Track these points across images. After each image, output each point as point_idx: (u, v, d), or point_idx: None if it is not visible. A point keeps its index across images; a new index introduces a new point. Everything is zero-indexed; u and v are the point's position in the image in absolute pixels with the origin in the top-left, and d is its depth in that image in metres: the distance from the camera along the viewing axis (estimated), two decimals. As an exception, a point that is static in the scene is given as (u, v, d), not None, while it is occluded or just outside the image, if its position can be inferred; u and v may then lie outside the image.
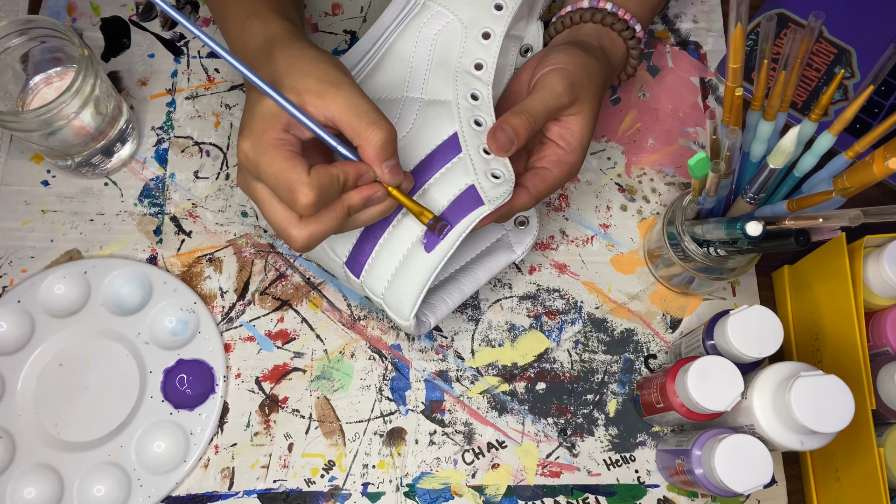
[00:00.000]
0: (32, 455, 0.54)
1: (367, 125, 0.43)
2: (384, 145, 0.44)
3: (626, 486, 0.56)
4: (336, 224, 0.45)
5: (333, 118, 0.44)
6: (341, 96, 0.43)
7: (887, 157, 0.43)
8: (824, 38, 0.66)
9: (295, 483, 0.55)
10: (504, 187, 0.50)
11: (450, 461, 0.56)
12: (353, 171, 0.44)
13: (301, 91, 0.44)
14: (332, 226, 0.45)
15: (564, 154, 0.51)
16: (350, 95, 0.44)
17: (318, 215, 0.44)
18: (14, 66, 0.56)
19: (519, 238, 0.57)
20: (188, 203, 0.61)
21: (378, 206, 0.46)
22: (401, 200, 0.47)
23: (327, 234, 0.45)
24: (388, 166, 0.45)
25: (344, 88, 0.44)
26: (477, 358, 0.59)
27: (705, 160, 0.45)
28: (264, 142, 0.43)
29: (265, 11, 0.49)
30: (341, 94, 0.43)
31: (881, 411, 0.52)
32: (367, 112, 0.43)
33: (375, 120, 0.43)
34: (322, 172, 0.43)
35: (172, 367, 0.56)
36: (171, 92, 0.63)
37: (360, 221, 0.47)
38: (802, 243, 0.47)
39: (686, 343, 0.57)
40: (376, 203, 0.46)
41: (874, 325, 0.55)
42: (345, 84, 0.44)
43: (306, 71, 0.44)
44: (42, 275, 0.57)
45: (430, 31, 0.55)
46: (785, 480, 0.57)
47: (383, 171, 0.45)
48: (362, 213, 0.46)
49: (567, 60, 0.51)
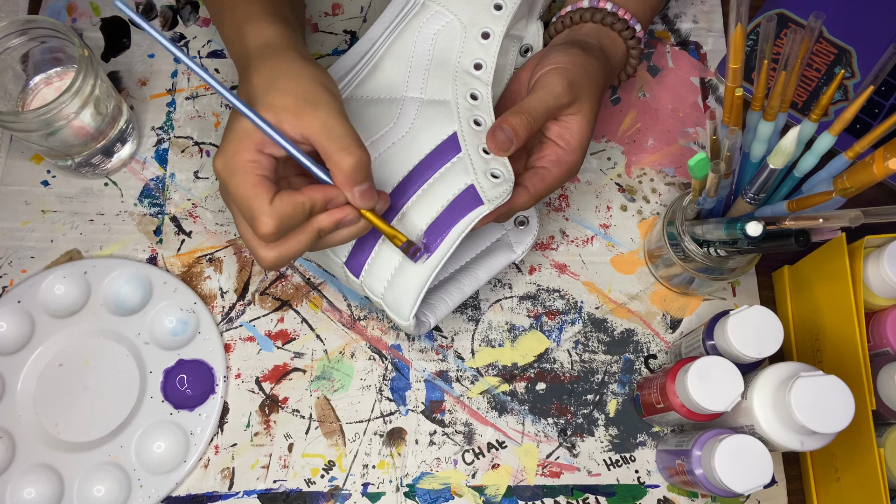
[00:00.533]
0: (32, 455, 0.54)
1: (338, 150, 0.43)
2: (354, 171, 0.43)
3: (626, 487, 0.56)
4: (304, 246, 0.45)
5: (308, 138, 0.44)
6: (316, 118, 0.43)
7: (887, 157, 0.43)
8: (824, 38, 0.66)
9: (295, 483, 0.55)
10: (503, 187, 0.50)
11: (450, 461, 0.56)
12: (321, 196, 0.44)
13: (278, 109, 0.43)
14: (301, 248, 0.45)
15: (564, 154, 0.51)
16: (326, 117, 0.43)
17: (285, 239, 0.44)
18: (14, 66, 0.56)
19: (519, 238, 0.57)
20: (188, 203, 0.61)
21: (351, 228, 0.46)
22: (374, 223, 0.46)
23: (296, 255, 0.45)
24: (359, 191, 0.44)
25: (321, 109, 0.43)
26: (477, 358, 0.59)
27: (705, 160, 0.45)
28: (234, 163, 0.43)
29: (260, 16, 0.49)
30: (317, 115, 0.43)
31: (881, 411, 0.52)
32: (339, 136, 0.43)
33: (347, 145, 0.43)
34: (286, 201, 0.43)
35: (172, 368, 0.56)
36: (171, 92, 0.63)
37: (334, 241, 0.47)
38: (802, 244, 0.47)
39: (686, 343, 0.57)
40: (348, 225, 0.46)
41: (874, 325, 0.55)
42: (323, 104, 0.44)
43: (286, 88, 0.44)
44: (42, 275, 0.57)
45: (430, 30, 0.55)
46: (785, 481, 0.57)
47: (354, 196, 0.45)
48: (335, 234, 0.46)
49: (566, 60, 0.51)
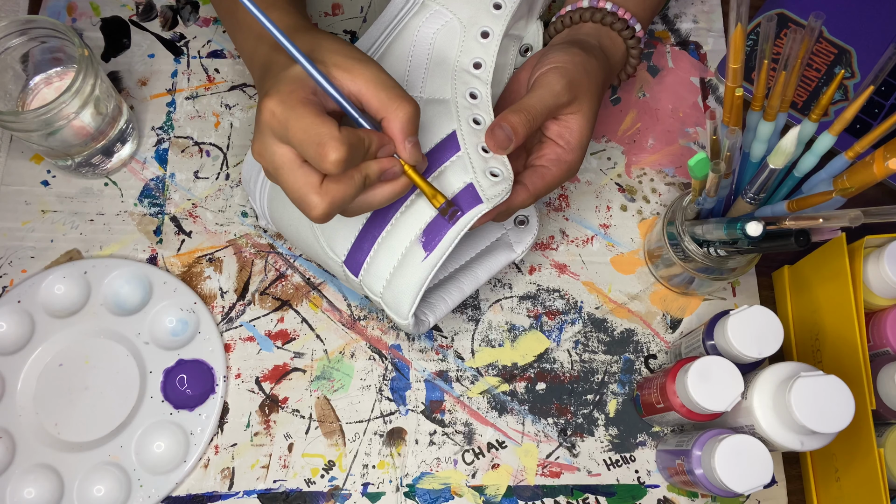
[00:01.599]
0: (32, 455, 0.54)
1: (394, 99, 0.44)
2: (409, 120, 0.44)
3: (626, 487, 0.56)
4: (354, 191, 0.44)
5: (359, 92, 0.44)
6: (368, 71, 0.44)
7: (887, 157, 0.43)
8: (824, 38, 0.66)
9: (295, 483, 0.55)
10: (502, 185, 0.50)
11: (450, 461, 0.56)
12: (377, 139, 0.44)
13: (329, 64, 0.44)
14: (351, 193, 0.44)
15: (563, 153, 0.51)
16: (377, 71, 0.45)
17: (339, 179, 0.43)
18: (14, 66, 0.56)
19: (519, 237, 0.57)
20: (188, 203, 0.61)
21: (391, 184, 0.46)
22: (415, 180, 0.46)
23: (346, 202, 0.44)
24: (410, 142, 0.45)
25: (371, 64, 0.45)
26: (477, 358, 0.59)
27: (705, 160, 0.45)
28: (294, 98, 0.43)
29: (281, 4, 0.51)
30: (368, 69, 0.44)
31: (881, 411, 0.52)
32: (393, 87, 0.44)
33: (402, 94, 0.44)
34: (351, 132, 0.43)
35: (172, 368, 0.56)
36: (171, 92, 0.63)
37: (372, 201, 0.46)
38: (802, 243, 0.47)
39: (686, 343, 0.57)
40: (391, 179, 0.46)
41: (874, 325, 0.55)
42: (370, 61, 0.45)
43: (332, 48, 0.45)
44: (42, 275, 0.57)
45: (429, 29, 0.55)
46: (785, 480, 0.57)
47: (405, 147, 0.45)
48: (374, 191, 0.45)
49: (566, 59, 0.51)
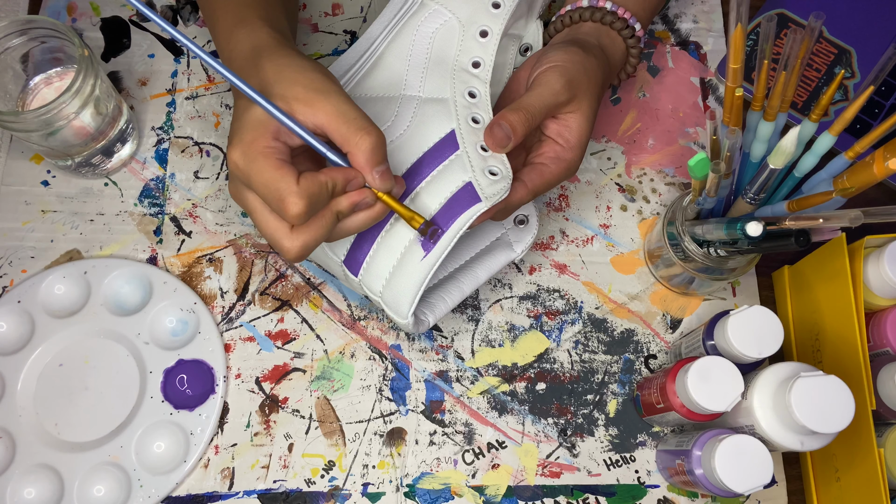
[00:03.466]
0: (32, 455, 0.54)
1: (356, 131, 0.43)
2: (374, 150, 0.44)
3: (627, 487, 0.56)
4: (325, 231, 0.45)
5: (322, 125, 0.44)
6: (329, 103, 0.44)
7: (887, 157, 0.43)
8: (824, 38, 0.66)
9: (295, 483, 0.55)
10: (501, 184, 0.50)
11: (450, 461, 0.56)
12: (342, 176, 0.44)
13: (290, 99, 0.44)
14: (322, 233, 0.45)
15: (563, 151, 0.51)
16: (338, 103, 0.44)
17: (309, 224, 0.44)
18: (14, 66, 0.56)
19: (518, 237, 0.57)
20: (188, 203, 0.61)
21: (367, 211, 0.46)
22: (391, 205, 0.46)
23: (318, 242, 0.45)
24: (378, 171, 0.45)
25: (332, 96, 0.44)
26: (477, 358, 0.59)
27: (705, 160, 0.45)
28: (254, 150, 0.43)
29: (252, 19, 0.49)
30: (329, 101, 0.44)
31: (881, 412, 0.52)
32: (355, 118, 0.44)
33: (364, 126, 0.44)
34: (311, 180, 0.43)
35: (172, 368, 0.56)
36: (171, 92, 0.63)
37: (351, 228, 0.47)
38: (802, 244, 0.47)
39: (686, 343, 0.57)
40: (365, 208, 0.46)
41: (874, 325, 0.55)
42: (333, 92, 0.44)
43: (294, 79, 0.44)
44: (42, 275, 0.57)
45: (428, 29, 0.55)
46: (785, 481, 0.57)
47: (373, 177, 0.45)
48: (351, 219, 0.46)
49: (565, 58, 0.51)
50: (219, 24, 0.51)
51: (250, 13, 0.50)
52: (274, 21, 0.50)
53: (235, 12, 0.50)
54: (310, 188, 0.42)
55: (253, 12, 0.50)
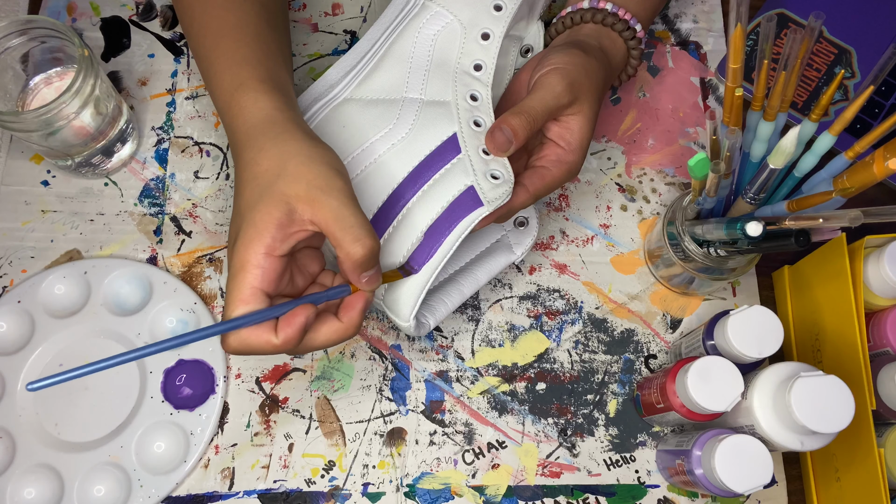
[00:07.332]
0: (32, 455, 0.54)
1: (351, 241, 0.43)
2: (364, 261, 0.44)
3: (627, 487, 0.56)
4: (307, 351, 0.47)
5: (319, 224, 0.44)
6: (328, 207, 0.43)
7: (887, 157, 0.43)
8: (824, 38, 0.66)
9: (295, 483, 0.55)
10: (503, 188, 0.50)
11: (450, 461, 0.56)
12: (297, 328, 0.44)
13: (291, 197, 0.44)
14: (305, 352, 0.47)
15: (564, 153, 0.51)
16: (338, 206, 0.44)
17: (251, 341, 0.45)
18: (14, 66, 0.56)
19: (518, 239, 0.57)
20: (188, 203, 0.61)
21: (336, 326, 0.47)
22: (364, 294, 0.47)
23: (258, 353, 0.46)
24: (366, 277, 0.45)
25: (333, 197, 0.44)
26: (477, 358, 0.59)
27: (705, 160, 0.45)
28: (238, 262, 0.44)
29: (253, 83, 0.48)
30: (329, 204, 0.44)
31: (881, 411, 0.52)
32: (351, 227, 0.43)
33: (358, 236, 0.43)
34: (289, 330, 0.44)
35: (172, 368, 0.56)
36: (171, 92, 0.63)
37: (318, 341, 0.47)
38: (802, 244, 0.47)
39: (686, 343, 0.57)
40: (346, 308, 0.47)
41: (874, 325, 0.55)
42: (335, 191, 0.44)
43: (297, 174, 0.44)
44: (42, 275, 0.57)
45: (430, 31, 0.55)
46: (785, 481, 0.57)
47: (360, 282, 0.46)
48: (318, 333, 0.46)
49: (566, 60, 0.51)
50: (215, 80, 0.50)
51: (249, 74, 0.48)
52: (275, 79, 0.49)
53: (234, 72, 0.49)
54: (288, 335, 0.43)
55: (252, 72, 0.48)
